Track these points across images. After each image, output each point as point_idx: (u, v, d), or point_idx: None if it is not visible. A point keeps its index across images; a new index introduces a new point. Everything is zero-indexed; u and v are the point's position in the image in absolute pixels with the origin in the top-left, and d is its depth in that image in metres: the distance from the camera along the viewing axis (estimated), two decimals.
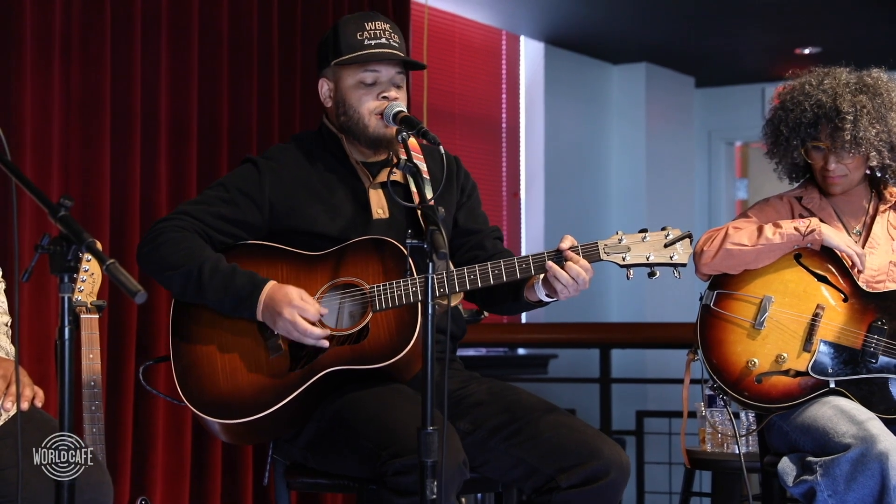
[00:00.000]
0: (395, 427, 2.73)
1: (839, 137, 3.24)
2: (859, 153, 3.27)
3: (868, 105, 3.24)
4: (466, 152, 6.80)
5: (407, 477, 2.65)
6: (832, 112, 3.25)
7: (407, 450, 2.64)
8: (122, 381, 4.19)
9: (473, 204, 3.20)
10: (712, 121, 8.81)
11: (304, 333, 2.81)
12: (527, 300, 2.96)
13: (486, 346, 6.65)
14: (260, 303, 2.85)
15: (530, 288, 2.94)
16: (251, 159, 3.09)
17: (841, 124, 3.23)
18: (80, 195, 4.09)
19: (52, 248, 2.11)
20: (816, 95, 3.28)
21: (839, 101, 3.24)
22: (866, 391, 3.17)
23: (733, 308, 3.24)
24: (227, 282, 2.87)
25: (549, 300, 2.92)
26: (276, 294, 2.84)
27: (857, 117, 3.22)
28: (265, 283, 2.86)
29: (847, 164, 3.30)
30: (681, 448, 3.61)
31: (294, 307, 2.81)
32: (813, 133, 3.29)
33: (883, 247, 3.33)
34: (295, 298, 2.83)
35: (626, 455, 2.89)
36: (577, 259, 2.82)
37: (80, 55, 4.12)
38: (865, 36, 7.32)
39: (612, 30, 7.25)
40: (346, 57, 2.99)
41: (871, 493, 2.92)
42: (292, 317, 2.81)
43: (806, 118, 3.28)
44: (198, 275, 2.87)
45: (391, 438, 2.71)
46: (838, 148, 3.27)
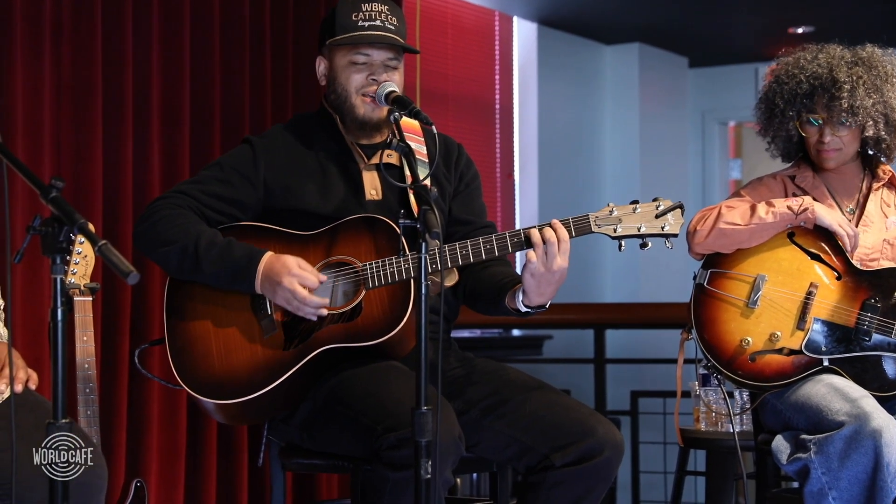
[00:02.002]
0: (389, 402, 2.73)
1: (836, 107, 3.24)
2: (856, 123, 3.26)
3: (864, 76, 3.25)
4: (460, 134, 6.78)
5: (402, 451, 2.65)
6: (828, 82, 3.24)
7: (402, 424, 2.64)
8: (116, 363, 4.18)
9: (471, 194, 3.18)
10: (706, 101, 8.80)
11: (303, 301, 2.81)
12: (507, 306, 2.95)
13: (480, 327, 6.66)
14: (258, 273, 2.84)
15: (511, 296, 2.93)
16: (248, 139, 3.11)
17: (838, 93, 3.23)
18: (73, 178, 4.08)
19: (44, 230, 2.10)
20: (811, 67, 3.28)
21: (836, 72, 3.24)
22: (860, 369, 3.17)
23: (727, 287, 3.24)
24: (224, 254, 2.87)
25: (525, 310, 2.90)
26: (275, 264, 2.84)
27: (853, 87, 3.23)
28: (263, 254, 2.86)
29: (842, 137, 3.30)
30: (675, 427, 3.62)
31: (293, 275, 2.81)
32: (808, 104, 3.29)
33: (876, 225, 3.33)
34: (294, 267, 2.83)
35: (621, 433, 2.90)
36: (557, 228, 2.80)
37: (70, 38, 4.10)
38: (858, 15, 7.31)
39: (605, 10, 7.23)
40: (338, 38, 3.00)
41: (864, 470, 2.93)
42: (292, 285, 2.80)
43: (802, 89, 3.28)
44: (194, 248, 2.88)
45: (386, 413, 2.71)
46: (834, 118, 3.27)
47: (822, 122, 3.29)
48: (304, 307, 2.82)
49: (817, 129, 3.31)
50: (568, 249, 2.80)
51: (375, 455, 2.72)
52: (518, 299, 2.90)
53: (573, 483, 2.83)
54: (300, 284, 2.81)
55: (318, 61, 3.10)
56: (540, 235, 2.79)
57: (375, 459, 2.73)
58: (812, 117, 3.30)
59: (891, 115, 3.28)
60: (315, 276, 2.84)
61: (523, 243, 2.82)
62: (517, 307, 2.91)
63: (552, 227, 2.80)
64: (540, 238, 2.79)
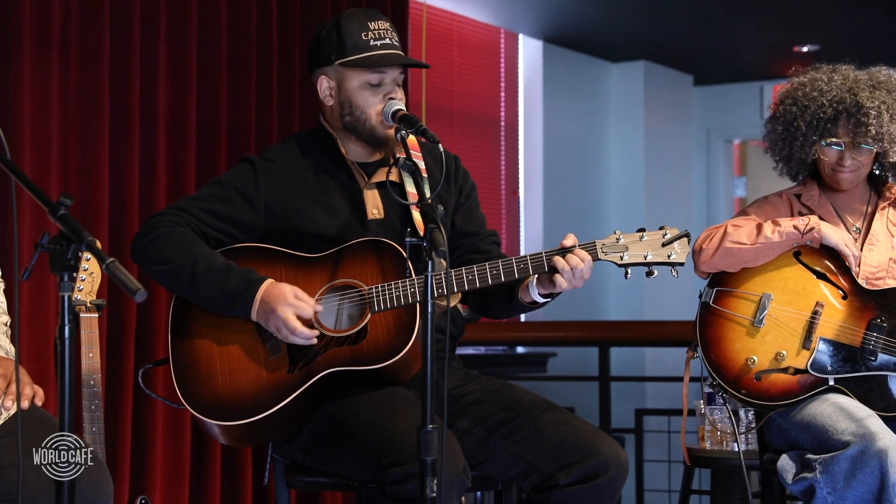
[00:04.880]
0: (394, 435, 2.71)
1: (861, 133, 3.24)
2: (880, 148, 3.27)
3: (887, 100, 3.25)
4: (465, 150, 6.80)
5: (406, 486, 2.64)
6: (853, 107, 3.24)
7: (407, 458, 2.63)
8: (121, 380, 4.19)
9: (472, 205, 3.18)
10: (711, 119, 8.81)
11: (292, 331, 2.80)
12: (521, 301, 2.95)
13: (485, 344, 6.65)
14: (256, 301, 2.84)
15: (524, 289, 2.93)
16: (249, 159, 3.08)
17: (864, 119, 3.23)
18: (79, 194, 4.09)
19: (52, 247, 2.10)
20: (832, 91, 3.27)
21: (860, 97, 3.24)
22: (865, 389, 3.17)
23: (732, 306, 3.24)
24: (223, 279, 2.86)
25: (543, 301, 2.92)
26: (272, 291, 2.83)
27: (879, 112, 3.23)
28: (262, 282, 2.85)
29: (861, 160, 3.30)
30: (681, 446, 3.61)
31: (289, 305, 2.81)
32: (832, 129, 3.28)
33: (883, 243, 3.33)
34: (289, 296, 2.82)
35: (625, 452, 2.89)
36: (577, 251, 2.82)
37: (78, 53, 4.11)
38: (864, 33, 7.33)
39: (611, 28, 7.25)
40: (353, 58, 2.97)
41: (870, 490, 2.93)
42: (285, 314, 2.80)
43: (825, 113, 3.27)
44: (191, 270, 2.86)
45: (391, 446, 2.70)
46: (859, 143, 3.27)
47: (845, 145, 3.29)
48: (294, 337, 2.81)
49: (838, 152, 3.31)
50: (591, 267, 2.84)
51: (379, 487, 2.71)
52: (533, 291, 2.90)
53: (578, 502, 2.82)
54: (294, 314, 2.81)
55: (320, 80, 3.05)
56: (565, 262, 2.80)
57: (379, 490, 2.72)
58: (834, 141, 3.30)
59: None
60: (310, 307, 2.83)
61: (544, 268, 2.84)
62: (534, 300, 2.92)
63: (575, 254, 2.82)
64: (566, 265, 2.80)
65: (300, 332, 2.80)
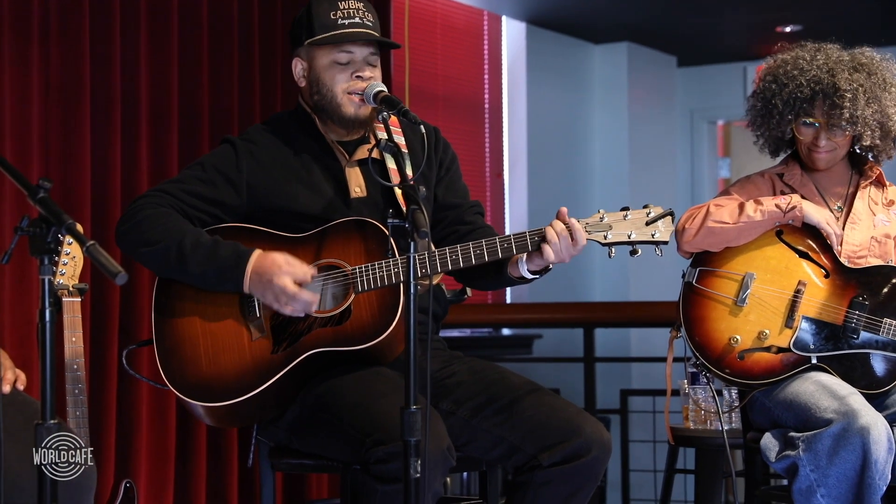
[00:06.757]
0: (378, 415, 2.71)
1: (836, 115, 3.24)
2: (854, 131, 3.27)
3: (865, 84, 3.24)
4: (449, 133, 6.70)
5: (390, 465, 2.64)
6: (830, 89, 3.24)
7: (391, 437, 2.63)
8: (105, 364, 4.18)
9: (453, 177, 3.17)
10: (694, 100, 8.81)
11: (293, 297, 2.78)
12: (510, 276, 2.95)
13: (470, 326, 6.66)
14: (247, 272, 2.82)
15: (514, 264, 2.93)
16: (229, 139, 3.07)
17: (839, 101, 3.23)
18: (61, 179, 4.08)
19: (32, 230, 2.10)
20: (812, 71, 3.27)
21: (837, 78, 3.24)
22: (848, 367, 3.18)
23: (715, 285, 3.25)
24: (211, 253, 2.85)
25: (531, 276, 2.92)
26: (264, 262, 2.82)
27: (855, 95, 3.22)
28: (251, 253, 2.84)
29: (836, 141, 3.31)
30: (665, 426, 3.62)
31: (284, 272, 2.79)
32: (808, 109, 3.28)
33: (864, 222, 3.34)
34: (283, 264, 2.80)
35: (608, 432, 2.90)
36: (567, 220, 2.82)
37: (58, 39, 4.10)
38: (847, 14, 7.32)
39: (594, 9, 7.24)
40: (319, 37, 2.98)
41: (852, 467, 2.94)
42: (283, 282, 2.78)
43: (802, 93, 3.27)
44: (178, 248, 2.85)
45: (375, 426, 2.70)
46: (833, 125, 3.27)
47: (819, 125, 3.29)
48: (294, 303, 2.79)
49: (813, 131, 3.31)
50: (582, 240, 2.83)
51: (364, 466, 2.71)
52: (522, 267, 2.90)
53: (561, 482, 2.83)
54: (292, 280, 2.80)
55: (294, 62, 3.07)
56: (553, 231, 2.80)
57: (363, 469, 2.72)
58: (809, 121, 3.30)
59: (886, 123, 3.28)
60: (304, 270, 2.81)
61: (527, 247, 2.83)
62: (522, 275, 2.92)
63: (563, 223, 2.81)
64: (555, 235, 2.80)
65: (301, 296, 2.79)
